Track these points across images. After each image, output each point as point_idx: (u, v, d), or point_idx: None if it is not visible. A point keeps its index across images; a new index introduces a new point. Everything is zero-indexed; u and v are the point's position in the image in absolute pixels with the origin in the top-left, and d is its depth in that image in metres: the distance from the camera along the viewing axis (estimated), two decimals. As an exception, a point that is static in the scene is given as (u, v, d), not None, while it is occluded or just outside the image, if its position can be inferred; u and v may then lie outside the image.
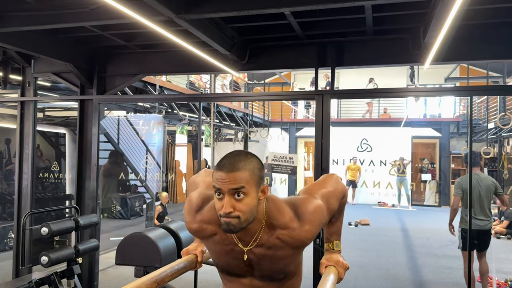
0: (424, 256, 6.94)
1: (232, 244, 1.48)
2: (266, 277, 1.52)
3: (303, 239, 1.45)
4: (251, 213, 1.38)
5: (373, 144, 14.20)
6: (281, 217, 1.45)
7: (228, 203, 1.33)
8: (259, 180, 1.40)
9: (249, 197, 1.35)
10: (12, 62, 4.87)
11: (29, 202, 4.74)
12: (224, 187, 1.34)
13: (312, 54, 4.09)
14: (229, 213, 1.33)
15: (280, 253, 1.46)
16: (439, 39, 3.05)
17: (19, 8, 3.27)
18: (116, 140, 10.34)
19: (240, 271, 1.52)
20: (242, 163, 1.36)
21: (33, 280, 3.44)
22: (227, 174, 1.33)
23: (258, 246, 1.46)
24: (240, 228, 1.37)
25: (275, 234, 1.45)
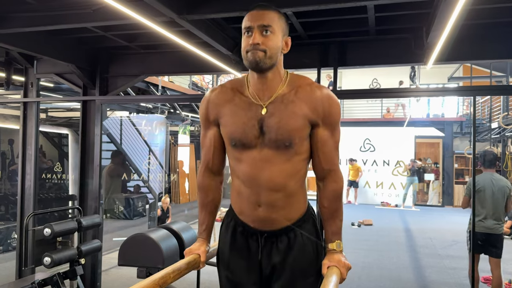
0: (428, 257, 6.91)
1: (250, 103, 1.58)
2: (273, 143, 1.56)
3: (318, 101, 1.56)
4: (276, 52, 1.52)
5: (376, 144, 14.16)
6: (304, 79, 1.61)
7: (257, 36, 1.49)
8: (285, 28, 1.57)
9: (275, 37, 1.51)
10: (15, 63, 4.89)
11: (32, 202, 4.75)
12: (254, 23, 1.50)
13: (314, 54, 4.08)
14: (257, 44, 1.48)
15: (292, 109, 1.55)
16: (442, 39, 3.04)
17: (21, 9, 3.28)
18: (119, 141, 10.36)
19: (253, 138, 1.57)
20: (272, 8, 1.54)
21: (36, 281, 3.44)
22: (258, 12, 1.51)
23: (274, 102, 1.56)
24: (264, 64, 1.50)
25: (293, 90, 1.57)
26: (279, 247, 1.64)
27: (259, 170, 1.58)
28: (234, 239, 1.69)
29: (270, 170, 1.58)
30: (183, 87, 9.44)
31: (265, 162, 1.58)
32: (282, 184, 1.59)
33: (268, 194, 1.59)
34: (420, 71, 12.79)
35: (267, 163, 1.58)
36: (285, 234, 1.64)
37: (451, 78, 11.50)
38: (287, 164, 1.59)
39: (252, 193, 1.61)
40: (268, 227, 1.63)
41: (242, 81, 1.65)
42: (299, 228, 1.65)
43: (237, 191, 1.67)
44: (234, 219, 1.71)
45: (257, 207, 1.61)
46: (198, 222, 1.80)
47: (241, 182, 1.64)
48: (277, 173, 1.58)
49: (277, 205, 1.61)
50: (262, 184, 1.59)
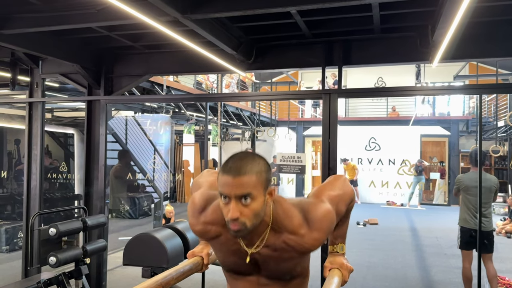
0: (433, 256, 6.88)
1: (238, 245, 1.46)
2: (272, 276, 1.50)
3: (310, 246, 1.43)
4: (258, 218, 1.35)
5: (382, 143, 14.11)
6: (289, 222, 1.42)
7: (235, 208, 1.30)
8: (266, 183, 1.36)
9: (256, 202, 1.32)
10: (20, 63, 4.90)
11: (37, 202, 4.77)
12: (230, 193, 1.30)
13: (319, 53, 4.06)
14: (236, 218, 1.30)
15: (287, 256, 1.44)
16: (448, 37, 3.01)
17: (25, 10, 3.29)
18: (124, 140, 10.39)
19: (247, 270, 1.50)
20: (249, 167, 1.32)
21: (42, 280, 3.46)
22: (233, 179, 1.30)
23: (264, 247, 1.44)
24: (247, 233, 1.35)
25: (281, 238, 1.42)
26: None
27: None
28: None
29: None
30: (188, 86, 9.44)
31: (264, 286, 1.53)
32: None
33: None
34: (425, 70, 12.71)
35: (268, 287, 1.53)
36: None
37: (457, 77, 11.41)
38: (290, 285, 1.54)
39: None
40: None
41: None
42: None
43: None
44: None
45: None
46: None
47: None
48: None
49: None
50: None
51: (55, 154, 11.76)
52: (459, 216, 4.74)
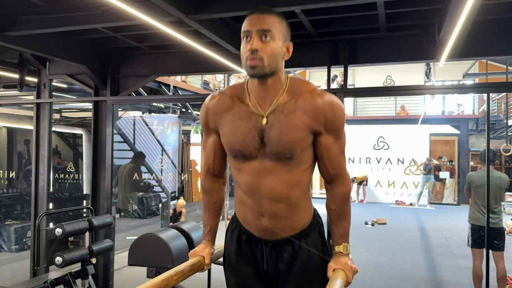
0: (442, 256, 6.81)
1: (250, 113, 1.53)
2: (274, 154, 1.52)
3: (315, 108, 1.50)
4: (274, 60, 1.45)
5: (390, 142, 14.01)
6: (305, 86, 1.54)
7: (256, 41, 1.42)
8: (286, 34, 1.50)
9: (274, 43, 1.44)
10: (28, 64, 4.94)
11: (45, 202, 4.81)
12: (253, 28, 1.43)
13: (324, 52, 4.04)
14: (255, 50, 1.41)
15: (292, 120, 1.49)
16: (454, 35, 2.98)
17: (32, 11, 3.31)
18: (132, 140, 10.44)
19: (253, 149, 1.53)
20: (273, 12, 1.47)
21: (49, 280, 3.48)
22: (257, 16, 1.44)
23: (274, 112, 1.51)
24: (263, 72, 1.44)
25: (294, 98, 1.51)
26: (284, 257, 1.62)
27: (260, 180, 1.55)
28: (239, 246, 1.68)
29: (271, 181, 1.55)
30: (195, 86, 9.46)
31: (266, 173, 1.55)
32: (284, 195, 1.57)
33: (271, 204, 1.57)
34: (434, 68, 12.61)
35: (269, 174, 1.54)
36: (290, 244, 1.62)
37: (466, 75, 11.30)
38: (289, 175, 1.55)
39: (255, 203, 1.59)
40: (272, 237, 1.61)
41: (242, 88, 1.60)
42: (304, 238, 1.63)
43: (240, 200, 1.66)
44: (238, 227, 1.70)
45: (260, 217, 1.59)
46: (203, 224, 1.80)
47: (243, 192, 1.62)
48: (279, 184, 1.55)
49: (280, 215, 1.58)
50: (264, 195, 1.56)
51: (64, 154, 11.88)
52: (469, 214, 4.71)
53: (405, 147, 13.65)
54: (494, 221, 4.40)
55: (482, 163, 4.78)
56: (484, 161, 4.59)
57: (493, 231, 4.39)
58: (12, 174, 7.90)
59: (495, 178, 4.44)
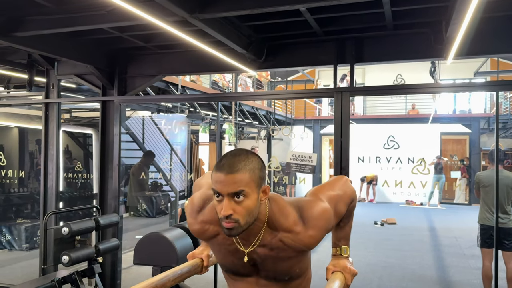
0: (452, 256, 6.75)
1: (235, 245, 1.46)
2: (271, 277, 1.48)
3: (306, 244, 1.40)
4: (252, 216, 1.34)
5: (400, 141, 13.89)
6: (284, 220, 1.40)
7: (228, 205, 1.29)
8: (260, 181, 1.35)
9: (249, 199, 1.31)
10: (37, 64, 4.99)
11: (54, 201, 4.85)
12: (223, 190, 1.29)
13: (330, 50, 4.02)
14: (228, 215, 1.29)
15: (283, 255, 1.43)
16: (461, 33, 2.93)
17: (38, 12, 3.33)
18: (141, 140, 10.50)
19: (246, 270, 1.49)
20: (242, 164, 1.31)
21: (56, 278, 3.51)
22: (226, 176, 1.29)
23: (260, 246, 1.43)
24: (241, 231, 1.33)
25: (277, 236, 1.41)
26: None
27: None
28: None
29: None
30: (203, 86, 9.47)
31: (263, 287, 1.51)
32: None
33: None
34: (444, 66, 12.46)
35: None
36: None
37: (477, 73, 11.15)
38: (290, 286, 1.52)
39: None
40: None
41: None
42: None
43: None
44: None
45: None
46: None
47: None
48: None
49: None
50: None
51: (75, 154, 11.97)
52: (479, 214, 4.66)
53: (416, 146, 13.51)
54: (504, 221, 4.36)
55: (491, 163, 4.72)
56: (493, 160, 4.54)
57: (502, 231, 4.34)
58: (21, 173, 7.98)
59: (504, 178, 4.39)
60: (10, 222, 7.17)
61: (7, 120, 8.13)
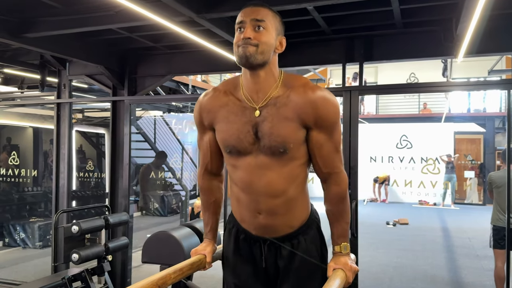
0: (465, 257, 6.65)
1: (243, 108, 1.53)
2: (268, 149, 1.51)
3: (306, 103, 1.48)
4: (269, 48, 1.46)
5: (413, 140, 13.75)
6: (298, 80, 1.54)
7: (249, 31, 1.44)
8: (280, 28, 1.52)
9: (268, 33, 1.46)
10: (49, 65, 5.07)
11: (65, 200, 4.92)
12: (246, 18, 1.46)
13: (339, 49, 4.00)
14: (248, 38, 1.42)
15: (284, 113, 1.48)
16: (470, 30, 2.89)
17: (49, 13, 3.38)
18: (153, 140, 10.58)
19: (248, 144, 1.52)
20: (266, 6, 1.49)
21: (66, 276, 3.56)
22: (251, 8, 1.47)
23: (267, 105, 1.50)
24: (255, 59, 1.43)
25: (287, 92, 1.51)
26: (283, 254, 1.61)
27: (256, 176, 1.55)
28: (238, 246, 1.68)
29: (267, 176, 1.54)
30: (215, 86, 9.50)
31: (261, 169, 1.54)
32: (280, 190, 1.55)
33: (267, 200, 1.56)
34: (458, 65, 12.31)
35: (264, 169, 1.54)
36: (288, 241, 1.61)
37: (492, 71, 10.97)
38: (285, 169, 1.54)
39: (251, 200, 1.58)
40: (270, 235, 1.61)
41: (235, 82, 1.59)
42: (302, 235, 1.62)
43: (236, 198, 1.65)
44: (236, 226, 1.69)
45: (257, 215, 1.58)
46: (203, 223, 1.80)
47: (239, 189, 1.61)
48: (275, 179, 1.54)
49: (277, 212, 1.57)
50: (260, 191, 1.55)
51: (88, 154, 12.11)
52: (492, 215, 4.60)
53: (429, 146, 13.36)
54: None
55: (504, 163, 4.65)
56: (505, 160, 4.47)
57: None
58: (34, 172, 8.10)
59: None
60: (24, 221, 7.29)
61: (21, 120, 8.26)
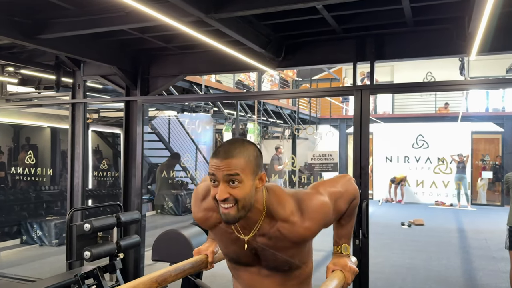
0: (481, 259, 6.54)
1: (235, 233, 1.49)
2: (271, 267, 1.50)
3: (302, 235, 1.42)
4: (248, 200, 1.36)
5: (430, 140, 13.55)
6: (282, 209, 1.43)
7: (223, 190, 1.33)
8: (256, 168, 1.38)
9: (244, 185, 1.35)
10: (64, 66, 5.15)
11: (80, 198, 5.00)
12: (218, 174, 1.34)
13: (350, 48, 3.97)
14: (225, 199, 1.33)
15: (281, 245, 1.45)
16: (482, 28, 2.84)
17: (61, 15, 3.44)
18: (167, 139, 10.67)
19: (247, 259, 1.52)
20: (237, 150, 1.36)
21: (79, 274, 3.62)
22: (221, 161, 1.34)
23: (259, 236, 1.46)
24: (238, 218, 1.36)
25: (275, 226, 1.43)
26: None
27: (258, 283, 1.54)
28: None
29: (271, 284, 1.53)
30: (228, 86, 9.52)
31: (265, 277, 1.53)
32: None
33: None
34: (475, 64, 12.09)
35: (267, 279, 1.53)
36: None
37: (510, 70, 10.76)
38: (289, 277, 1.53)
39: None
40: None
41: None
42: None
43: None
44: None
45: None
46: None
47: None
48: (278, 285, 1.54)
49: None
50: None
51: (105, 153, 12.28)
52: (508, 216, 4.53)
53: (446, 146, 13.15)
54: None
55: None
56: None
57: None
58: (49, 171, 8.25)
59: None
60: (41, 219, 7.43)
61: (38, 120, 8.42)
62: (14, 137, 10.14)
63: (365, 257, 3.74)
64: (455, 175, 12.48)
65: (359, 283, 3.74)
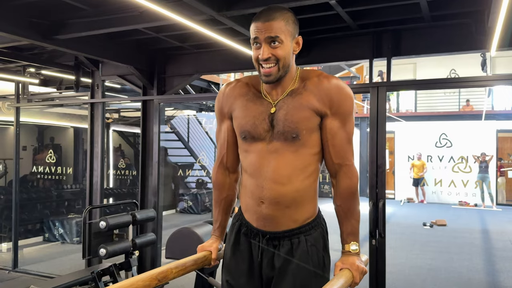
0: (505, 261, 6.35)
1: (262, 99, 1.60)
2: (281, 135, 1.54)
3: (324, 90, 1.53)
4: (287, 61, 1.51)
5: (453, 139, 13.25)
6: (313, 72, 1.60)
7: (266, 50, 1.47)
8: (294, 31, 1.53)
9: (284, 46, 1.49)
10: (83, 66, 5.23)
11: (98, 196, 5.07)
12: (260, 36, 1.48)
13: (366, 44, 3.90)
14: (267, 59, 1.47)
15: (299, 101, 1.54)
16: (500, 22, 2.75)
17: (77, 15, 3.50)
18: (186, 139, 10.74)
19: (263, 131, 1.56)
20: (277, 13, 1.49)
21: (95, 271, 3.67)
22: (263, 24, 1.47)
23: (284, 98, 1.56)
24: (279, 77, 1.51)
25: (303, 84, 1.56)
26: (281, 252, 1.56)
27: (265, 160, 1.56)
28: (237, 240, 1.66)
29: (276, 160, 1.55)
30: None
31: (272, 153, 1.55)
32: (287, 176, 1.54)
33: (272, 187, 1.53)
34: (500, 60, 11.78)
35: (274, 154, 1.55)
36: (288, 239, 1.56)
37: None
38: (294, 155, 1.54)
39: (257, 186, 1.56)
40: (271, 228, 1.57)
41: (258, 79, 1.65)
42: (304, 234, 1.57)
43: (244, 186, 1.65)
44: (240, 219, 1.68)
45: (260, 204, 1.56)
46: (213, 219, 1.80)
47: (248, 175, 1.62)
48: (283, 164, 1.54)
49: (281, 201, 1.54)
50: (267, 176, 1.54)
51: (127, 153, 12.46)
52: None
53: (470, 145, 12.83)
54: None
55: None
56: None
57: None
58: (69, 170, 8.41)
59: None
60: (63, 217, 7.58)
61: (60, 120, 8.59)
62: (38, 136, 10.36)
63: (382, 257, 3.67)
64: (477, 175, 12.19)
65: (376, 283, 3.68)
